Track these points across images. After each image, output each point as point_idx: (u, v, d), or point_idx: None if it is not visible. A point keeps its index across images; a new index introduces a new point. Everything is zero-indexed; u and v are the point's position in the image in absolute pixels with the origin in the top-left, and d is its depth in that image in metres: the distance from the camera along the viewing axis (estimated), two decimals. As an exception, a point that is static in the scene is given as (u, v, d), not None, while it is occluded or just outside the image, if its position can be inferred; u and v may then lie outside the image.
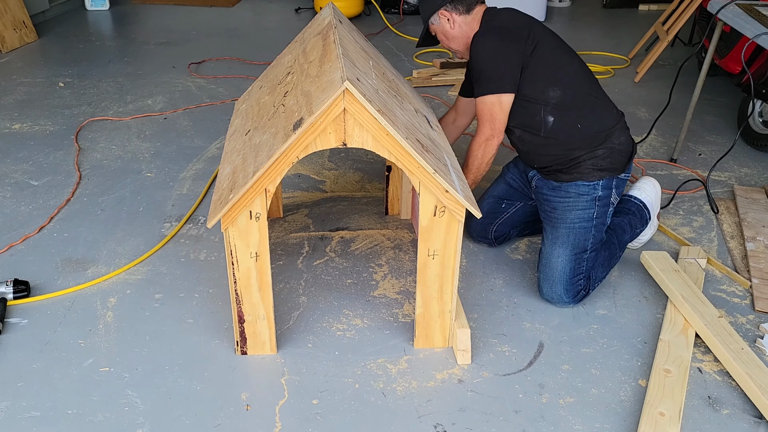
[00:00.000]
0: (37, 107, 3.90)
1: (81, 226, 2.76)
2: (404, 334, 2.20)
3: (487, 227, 2.59)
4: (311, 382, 2.01)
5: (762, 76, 3.30)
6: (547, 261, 2.32)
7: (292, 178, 3.15)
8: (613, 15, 6.25)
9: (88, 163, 3.28)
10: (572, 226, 2.31)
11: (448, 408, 1.93)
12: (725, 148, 3.36)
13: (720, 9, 2.98)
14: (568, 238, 2.30)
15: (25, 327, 2.20)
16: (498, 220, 2.59)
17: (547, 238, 2.35)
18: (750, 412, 1.94)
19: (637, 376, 2.05)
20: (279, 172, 1.80)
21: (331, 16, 2.27)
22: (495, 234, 2.60)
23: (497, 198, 2.60)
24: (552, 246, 2.32)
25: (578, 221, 2.31)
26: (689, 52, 4.91)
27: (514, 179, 2.59)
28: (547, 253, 2.33)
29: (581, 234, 2.31)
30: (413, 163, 1.82)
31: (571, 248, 2.29)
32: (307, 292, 2.39)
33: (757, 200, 2.95)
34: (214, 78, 4.43)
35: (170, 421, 1.87)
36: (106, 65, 4.66)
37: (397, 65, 4.56)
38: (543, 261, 2.34)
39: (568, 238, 2.30)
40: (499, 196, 2.60)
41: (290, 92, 2.01)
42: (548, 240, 2.35)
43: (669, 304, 2.31)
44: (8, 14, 4.89)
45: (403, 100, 2.15)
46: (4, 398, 1.93)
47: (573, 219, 2.31)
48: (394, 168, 2.75)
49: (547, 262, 2.32)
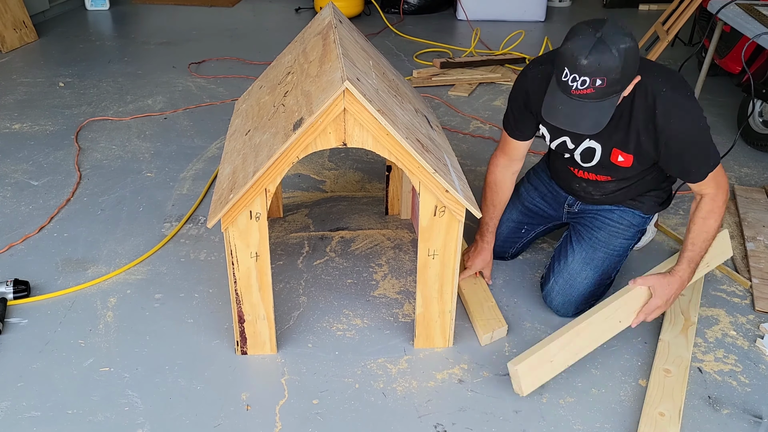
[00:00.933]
0: (37, 107, 3.90)
1: (81, 226, 2.76)
2: (404, 334, 2.19)
3: (506, 251, 2.51)
4: (311, 382, 2.01)
5: (762, 76, 3.30)
6: (572, 279, 2.23)
7: (292, 178, 3.15)
8: (612, 15, 6.24)
9: (88, 163, 3.28)
10: (612, 252, 2.23)
11: (448, 408, 1.93)
12: (725, 148, 3.35)
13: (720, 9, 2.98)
14: (603, 262, 2.22)
15: (25, 327, 2.20)
16: (517, 244, 2.50)
17: (578, 255, 2.25)
18: (750, 412, 1.94)
19: (637, 376, 2.05)
20: (279, 172, 1.80)
21: (331, 16, 2.27)
22: (511, 255, 2.53)
23: (517, 223, 2.46)
24: (583, 266, 2.22)
25: (619, 249, 2.24)
26: (689, 52, 4.91)
27: (534, 204, 2.43)
28: (573, 271, 2.23)
29: (615, 261, 2.25)
30: (413, 163, 1.82)
31: (600, 273, 2.23)
32: (307, 292, 2.39)
33: (757, 200, 2.95)
34: (214, 78, 4.43)
35: (170, 421, 1.87)
36: (106, 65, 4.66)
37: (397, 65, 4.56)
38: (565, 276, 2.24)
39: (603, 263, 2.22)
40: (518, 220, 2.46)
41: (290, 92, 2.01)
42: (579, 258, 2.24)
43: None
44: (8, 14, 4.89)
45: (403, 100, 2.15)
46: (4, 398, 1.93)
47: (616, 246, 2.24)
48: (394, 168, 2.75)
49: (571, 279, 2.23)
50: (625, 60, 1.74)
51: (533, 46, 5.17)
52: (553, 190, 2.41)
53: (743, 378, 2.05)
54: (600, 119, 1.83)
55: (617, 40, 1.73)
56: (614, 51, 1.72)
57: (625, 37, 1.74)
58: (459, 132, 3.64)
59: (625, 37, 1.74)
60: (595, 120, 1.83)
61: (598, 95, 1.78)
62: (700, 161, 1.98)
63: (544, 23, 5.88)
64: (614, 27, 1.75)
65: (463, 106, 4.02)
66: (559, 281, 2.26)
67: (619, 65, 1.73)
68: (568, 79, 1.77)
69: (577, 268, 2.23)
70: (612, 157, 2.09)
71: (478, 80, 4.37)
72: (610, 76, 1.74)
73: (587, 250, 2.25)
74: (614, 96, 1.81)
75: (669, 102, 1.90)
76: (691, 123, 1.92)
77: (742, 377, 2.06)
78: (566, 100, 1.81)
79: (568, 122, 1.86)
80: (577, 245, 2.27)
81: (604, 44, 1.72)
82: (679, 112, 1.91)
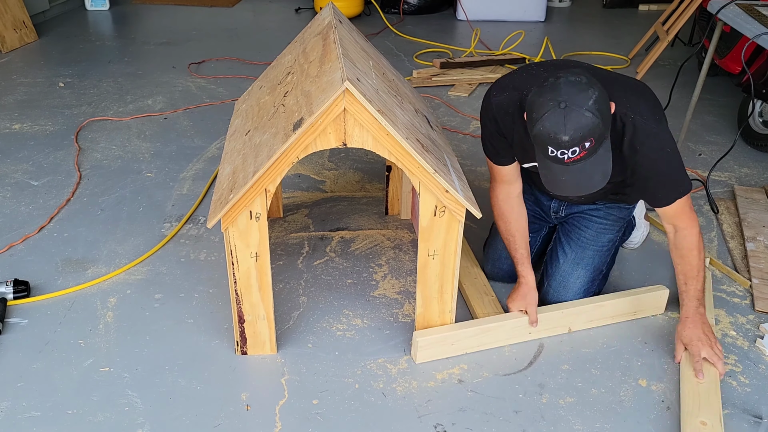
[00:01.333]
0: (37, 107, 3.90)
1: (81, 226, 2.76)
2: (404, 334, 2.19)
3: None
4: (311, 382, 2.01)
5: (762, 76, 3.30)
6: (564, 280, 2.24)
7: (292, 178, 3.15)
8: (613, 15, 6.25)
9: (88, 163, 3.28)
10: (601, 248, 2.24)
11: (448, 408, 1.93)
12: (725, 148, 3.36)
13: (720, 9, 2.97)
14: (592, 260, 2.23)
15: (25, 327, 2.20)
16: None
17: (568, 256, 2.26)
18: (750, 412, 1.94)
19: (637, 376, 2.05)
20: (279, 172, 1.80)
21: (331, 16, 2.27)
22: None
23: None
24: (573, 266, 2.24)
25: (608, 244, 2.25)
26: (689, 52, 4.91)
27: (529, 209, 2.32)
28: (565, 272, 2.24)
29: (605, 256, 2.26)
30: (413, 163, 1.82)
31: (591, 270, 2.24)
32: (307, 292, 2.39)
33: (757, 200, 2.95)
34: (214, 78, 4.43)
35: (170, 421, 1.87)
36: (106, 65, 4.66)
37: (397, 65, 4.56)
38: (558, 278, 2.25)
39: (593, 260, 2.23)
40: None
41: (290, 92, 2.01)
42: (569, 259, 2.25)
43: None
44: (8, 14, 4.89)
45: (403, 100, 2.15)
46: (4, 398, 1.93)
47: (604, 242, 2.24)
48: (394, 168, 2.75)
49: (564, 281, 2.24)
50: (600, 111, 1.69)
51: (533, 46, 5.17)
52: (537, 196, 2.37)
53: (743, 378, 2.05)
54: (605, 169, 1.79)
55: (582, 101, 1.67)
56: (587, 113, 1.67)
57: (587, 91, 1.69)
58: (459, 132, 3.65)
59: (587, 91, 1.69)
60: (601, 172, 1.79)
61: (591, 152, 1.73)
62: (668, 187, 1.96)
63: (544, 23, 5.88)
64: (571, 86, 1.69)
65: (463, 106, 4.02)
66: (552, 284, 2.27)
67: (598, 121, 1.69)
68: (556, 154, 1.73)
69: (569, 269, 2.24)
70: None
71: (478, 80, 4.37)
72: (595, 133, 1.70)
73: (576, 250, 2.25)
74: (605, 141, 1.77)
75: (637, 128, 1.87)
76: (658, 150, 1.89)
77: (742, 377, 2.06)
78: (565, 170, 1.76)
79: (578, 188, 1.80)
80: (567, 246, 2.28)
81: (574, 111, 1.67)
82: (647, 138, 1.87)
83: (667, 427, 1.88)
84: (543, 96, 1.71)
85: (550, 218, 2.40)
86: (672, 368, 2.08)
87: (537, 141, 1.75)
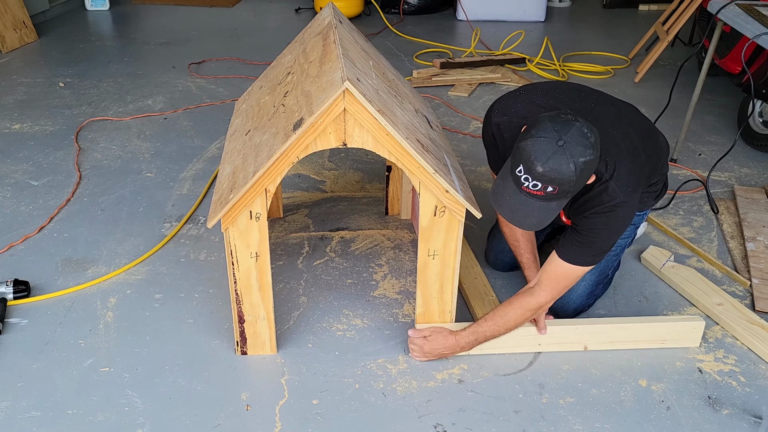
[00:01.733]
0: (37, 107, 3.90)
1: (81, 226, 2.76)
2: (404, 334, 2.19)
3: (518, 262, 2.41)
4: (311, 382, 2.01)
5: (762, 76, 3.30)
6: None
7: (292, 178, 3.15)
8: (613, 15, 6.25)
9: (88, 163, 3.28)
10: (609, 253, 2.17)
11: (448, 408, 1.93)
12: (725, 148, 3.36)
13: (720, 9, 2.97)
14: (598, 265, 2.19)
15: (25, 327, 2.20)
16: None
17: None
18: (750, 412, 1.94)
19: (637, 376, 2.05)
20: (279, 172, 1.80)
21: (331, 16, 2.27)
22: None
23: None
24: None
25: (616, 248, 2.21)
26: (689, 52, 4.91)
27: None
28: None
29: (612, 260, 2.24)
30: (413, 163, 1.82)
31: (598, 274, 2.22)
32: (307, 292, 2.39)
33: (757, 200, 2.95)
34: (214, 78, 4.42)
35: (170, 421, 1.87)
36: (106, 65, 4.66)
37: (397, 65, 4.56)
38: None
39: (599, 264, 2.19)
40: None
41: (290, 92, 2.01)
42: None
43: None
44: (8, 14, 4.89)
45: (403, 100, 2.15)
46: (4, 398, 1.93)
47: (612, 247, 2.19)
48: (394, 168, 2.75)
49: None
50: (581, 173, 1.69)
51: (533, 46, 5.17)
52: None
53: (743, 378, 2.05)
54: (543, 219, 1.79)
55: (578, 152, 1.67)
56: (572, 165, 1.66)
57: (587, 150, 1.68)
58: (459, 132, 3.65)
59: (587, 150, 1.68)
60: (538, 218, 1.78)
61: (546, 198, 1.73)
62: (584, 249, 1.93)
63: (544, 23, 5.88)
64: (578, 135, 1.68)
65: (463, 106, 4.02)
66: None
67: (573, 178, 1.68)
68: (521, 176, 1.71)
69: None
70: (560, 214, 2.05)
71: (478, 80, 4.37)
72: (563, 186, 1.69)
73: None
74: (563, 200, 1.76)
75: (604, 192, 1.85)
76: (608, 222, 1.88)
77: (742, 377, 2.06)
78: (515, 193, 1.75)
79: (512, 216, 1.81)
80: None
81: (563, 155, 1.66)
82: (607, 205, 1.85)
83: (667, 427, 1.88)
84: (553, 123, 1.71)
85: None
86: (672, 368, 2.08)
87: (516, 153, 1.74)
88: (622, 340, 2.13)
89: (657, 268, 2.49)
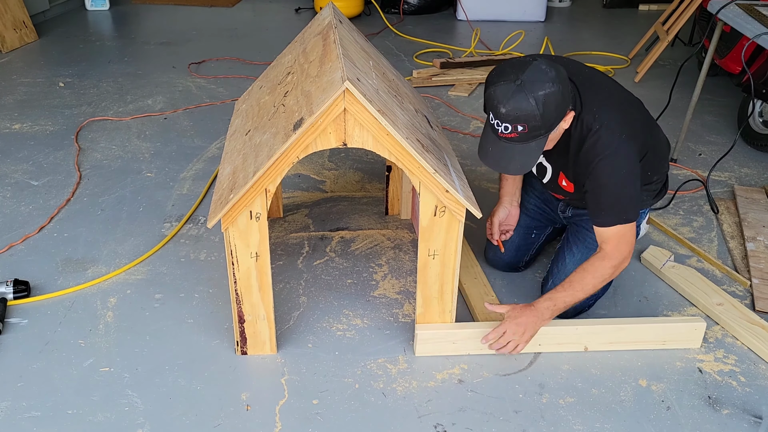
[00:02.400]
0: (37, 107, 3.90)
1: (81, 226, 2.76)
2: (404, 334, 2.19)
3: (520, 260, 2.46)
4: (311, 382, 2.01)
5: (762, 76, 3.30)
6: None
7: (292, 178, 3.15)
8: (613, 15, 6.25)
9: (88, 163, 3.28)
10: None
11: (448, 408, 1.93)
12: (725, 148, 3.36)
13: (720, 9, 2.97)
14: None
15: (25, 327, 2.20)
16: (530, 251, 2.46)
17: (575, 257, 2.24)
18: (750, 412, 1.94)
19: (637, 376, 2.05)
20: (279, 172, 1.80)
21: (331, 16, 2.27)
22: (525, 264, 2.49)
23: (526, 228, 2.42)
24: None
25: None
26: (689, 52, 4.91)
27: (535, 205, 2.42)
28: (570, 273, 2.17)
29: None
30: (413, 163, 1.82)
31: None
32: (307, 292, 2.39)
33: (757, 200, 2.95)
34: (214, 78, 4.42)
35: (170, 421, 1.87)
36: (106, 65, 4.65)
37: (397, 65, 4.56)
38: (563, 278, 2.17)
39: None
40: (526, 225, 2.42)
41: (290, 92, 2.01)
42: (576, 260, 2.22)
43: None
44: (8, 14, 4.89)
45: (404, 100, 2.15)
46: (4, 398, 1.93)
47: None
48: (394, 168, 2.75)
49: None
50: (545, 106, 1.75)
51: (533, 46, 5.17)
52: (546, 195, 2.39)
53: (743, 378, 2.05)
54: (526, 161, 1.86)
55: (536, 87, 1.74)
56: (531, 99, 1.74)
57: (545, 83, 1.75)
58: (459, 132, 3.65)
59: (545, 83, 1.75)
60: (521, 162, 1.86)
61: (522, 139, 1.81)
62: (609, 208, 1.95)
63: (544, 23, 5.88)
64: (536, 72, 1.76)
65: (463, 106, 4.02)
66: (557, 283, 2.25)
67: (537, 113, 1.75)
68: (494, 123, 1.81)
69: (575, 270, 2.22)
70: (559, 180, 2.14)
71: (478, 80, 4.37)
72: (531, 122, 1.76)
73: (583, 251, 2.24)
74: (541, 138, 1.82)
75: (598, 141, 1.90)
76: (612, 168, 1.91)
77: (742, 377, 2.06)
78: (495, 141, 1.85)
79: (496, 164, 1.90)
80: (575, 247, 2.27)
81: (522, 92, 1.74)
82: (605, 152, 1.90)
83: (667, 427, 1.88)
84: (511, 67, 1.79)
85: (558, 218, 2.40)
86: (672, 368, 2.08)
87: (486, 102, 1.84)
88: (623, 341, 2.12)
89: (657, 268, 2.49)
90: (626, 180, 1.94)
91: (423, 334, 2.07)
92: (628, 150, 1.93)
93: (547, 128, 1.81)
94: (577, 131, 1.95)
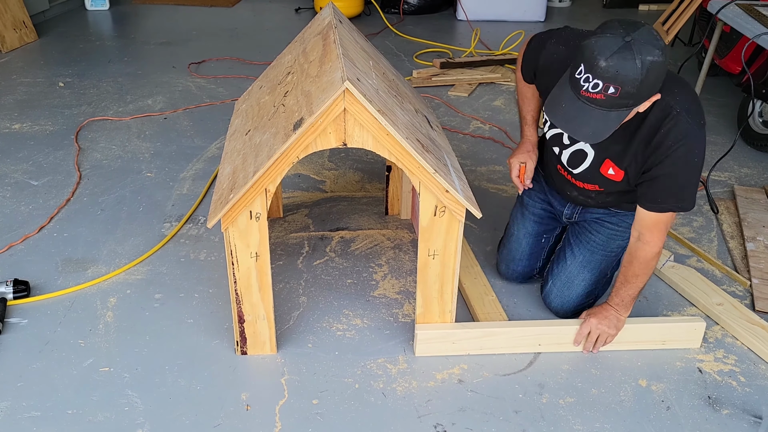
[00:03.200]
0: (37, 107, 3.90)
1: (81, 226, 2.76)
2: (404, 334, 2.19)
3: (534, 268, 2.41)
4: (311, 382, 2.01)
5: (762, 76, 3.30)
6: (569, 281, 2.23)
7: (292, 178, 3.15)
8: (613, 15, 6.24)
9: (88, 163, 3.28)
10: (609, 254, 2.21)
11: (448, 408, 1.93)
12: (725, 148, 3.36)
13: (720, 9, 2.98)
14: (599, 264, 2.21)
15: (25, 327, 2.20)
16: (541, 256, 2.40)
17: (576, 258, 2.23)
18: (750, 412, 1.94)
19: (637, 376, 2.05)
20: (279, 172, 1.80)
21: (331, 16, 2.27)
22: (539, 270, 2.43)
23: (534, 235, 2.36)
24: (580, 269, 2.21)
25: (617, 249, 2.21)
26: (689, 52, 4.91)
27: (541, 208, 2.35)
28: (571, 274, 2.22)
29: (612, 261, 2.23)
30: (413, 163, 1.82)
31: (597, 273, 2.22)
32: (307, 292, 2.39)
33: (757, 200, 2.95)
34: (214, 78, 4.42)
35: (170, 421, 1.87)
36: (106, 65, 4.65)
37: (397, 65, 4.56)
38: (563, 278, 2.24)
39: (600, 264, 2.21)
40: (534, 231, 2.36)
41: (290, 92, 2.01)
42: (577, 261, 2.22)
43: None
44: (8, 14, 4.89)
45: (404, 100, 2.15)
46: (4, 398, 1.93)
47: (614, 248, 2.20)
48: (394, 168, 2.75)
49: (569, 282, 2.23)
50: (647, 74, 1.61)
51: (533, 46, 5.17)
52: (553, 196, 2.34)
53: (743, 378, 2.05)
54: (601, 130, 1.70)
55: (645, 51, 1.59)
56: (638, 61, 1.59)
57: (655, 50, 1.60)
58: (459, 132, 3.65)
59: (655, 50, 1.60)
60: (595, 129, 1.70)
61: (607, 104, 1.65)
62: (672, 195, 1.87)
63: (544, 23, 5.88)
64: (647, 35, 1.61)
65: (463, 106, 4.02)
66: (557, 283, 2.26)
67: (638, 78, 1.60)
68: (581, 77, 1.63)
69: (575, 271, 2.23)
70: (602, 168, 2.02)
71: (478, 80, 4.37)
72: (626, 87, 1.61)
73: (585, 253, 2.23)
74: (624, 110, 1.67)
75: (679, 124, 1.78)
76: (690, 154, 1.81)
77: (742, 377, 2.06)
78: (572, 99, 1.69)
79: (566, 124, 1.73)
80: (577, 248, 2.26)
81: (629, 50, 1.59)
82: (684, 138, 1.79)
83: (667, 427, 1.88)
84: (620, 23, 1.64)
85: (561, 221, 2.38)
86: (672, 368, 2.08)
87: (579, 53, 1.65)
88: (623, 341, 2.12)
89: (657, 268, 2.49)
90: (697, 168, 1.84)
91: (423, 334, 2.07)
92: (703, 138, 1.83)
93: (637, 100, 1.65)
94: (654, 114, 1.80)
